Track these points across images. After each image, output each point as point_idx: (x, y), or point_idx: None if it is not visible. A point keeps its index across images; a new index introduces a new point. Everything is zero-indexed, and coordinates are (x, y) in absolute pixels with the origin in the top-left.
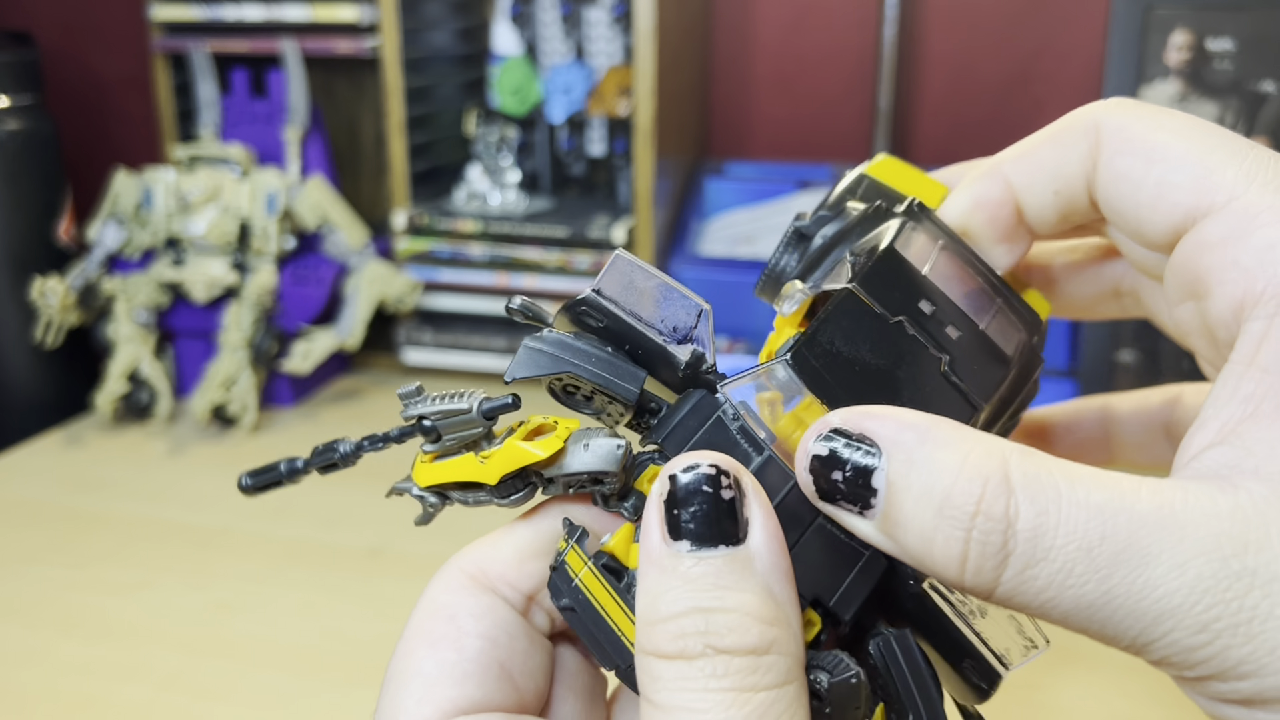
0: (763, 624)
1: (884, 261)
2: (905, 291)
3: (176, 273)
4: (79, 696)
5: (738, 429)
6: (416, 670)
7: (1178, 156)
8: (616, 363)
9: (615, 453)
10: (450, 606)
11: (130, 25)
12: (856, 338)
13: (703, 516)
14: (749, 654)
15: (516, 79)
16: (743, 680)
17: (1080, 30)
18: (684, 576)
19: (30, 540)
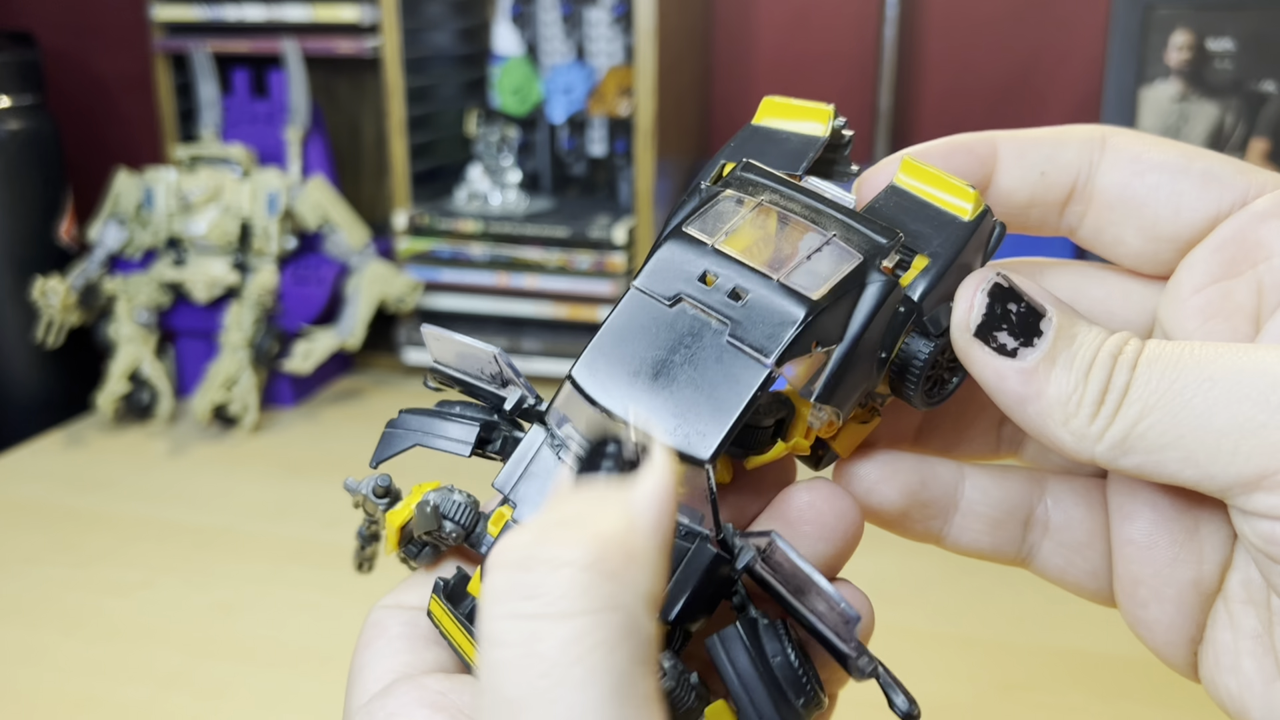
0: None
1: (667, 247)
2: (687, 270)
3: (177, 273)
4: (79, 696)
5: (560, 455)
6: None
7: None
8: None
9: (425, 513)
10: (374, 620)
11: (131, 25)
12: (635, 335)
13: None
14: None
15: (517, 79)
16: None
17: (1080, 30)
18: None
19: (30, 540)
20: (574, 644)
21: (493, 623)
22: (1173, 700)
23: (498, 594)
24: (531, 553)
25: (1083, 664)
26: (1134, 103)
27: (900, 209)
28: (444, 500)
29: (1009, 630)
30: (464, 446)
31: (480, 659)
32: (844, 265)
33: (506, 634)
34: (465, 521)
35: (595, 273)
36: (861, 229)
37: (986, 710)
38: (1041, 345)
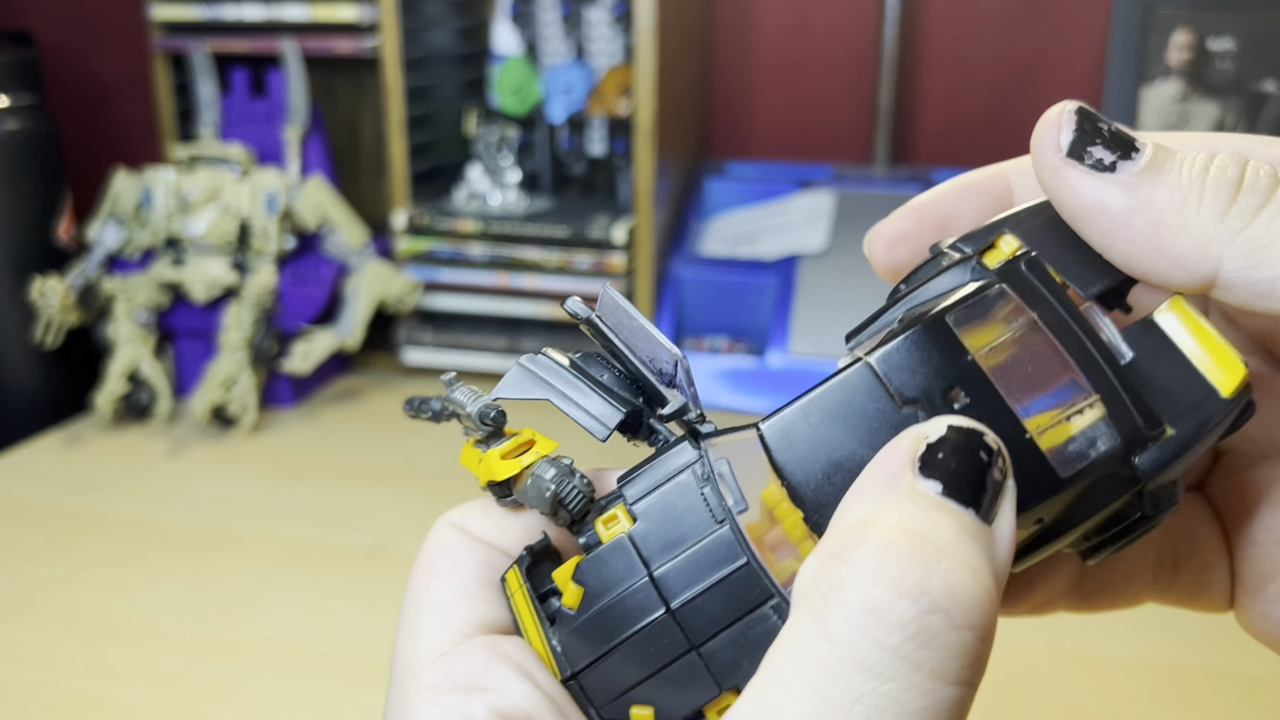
0: (991, 607)
1: (922, 334)
2: (933, 376)
3: (176, 273)
4: (79, 697)
5: (704, 490)
6: (425, 601)
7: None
8: (596, 398)
9: (543, 495)
10: (445, 543)
11: (130, 25)
12: (849, 420)
13: (967, 472)
14: (968, 629)
15: (517, 79)
16: (946, 663)
17: (1081, 30)
18: (923, 507)
19: (30, 540)
20: (946, 711)
21: (865, 643)
22: (1173, 700)
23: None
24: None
25: (1083, 664)
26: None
27: (1152, 356)
28: (563, 484)
29: (1009, 630)
30: (603, 429)
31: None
32: (1103, 442)
33: (879, 666)
34: (577, 510)
35: (595, 273)
36: (1128, 401)
37: (986, 710)
38: (1142, 156)
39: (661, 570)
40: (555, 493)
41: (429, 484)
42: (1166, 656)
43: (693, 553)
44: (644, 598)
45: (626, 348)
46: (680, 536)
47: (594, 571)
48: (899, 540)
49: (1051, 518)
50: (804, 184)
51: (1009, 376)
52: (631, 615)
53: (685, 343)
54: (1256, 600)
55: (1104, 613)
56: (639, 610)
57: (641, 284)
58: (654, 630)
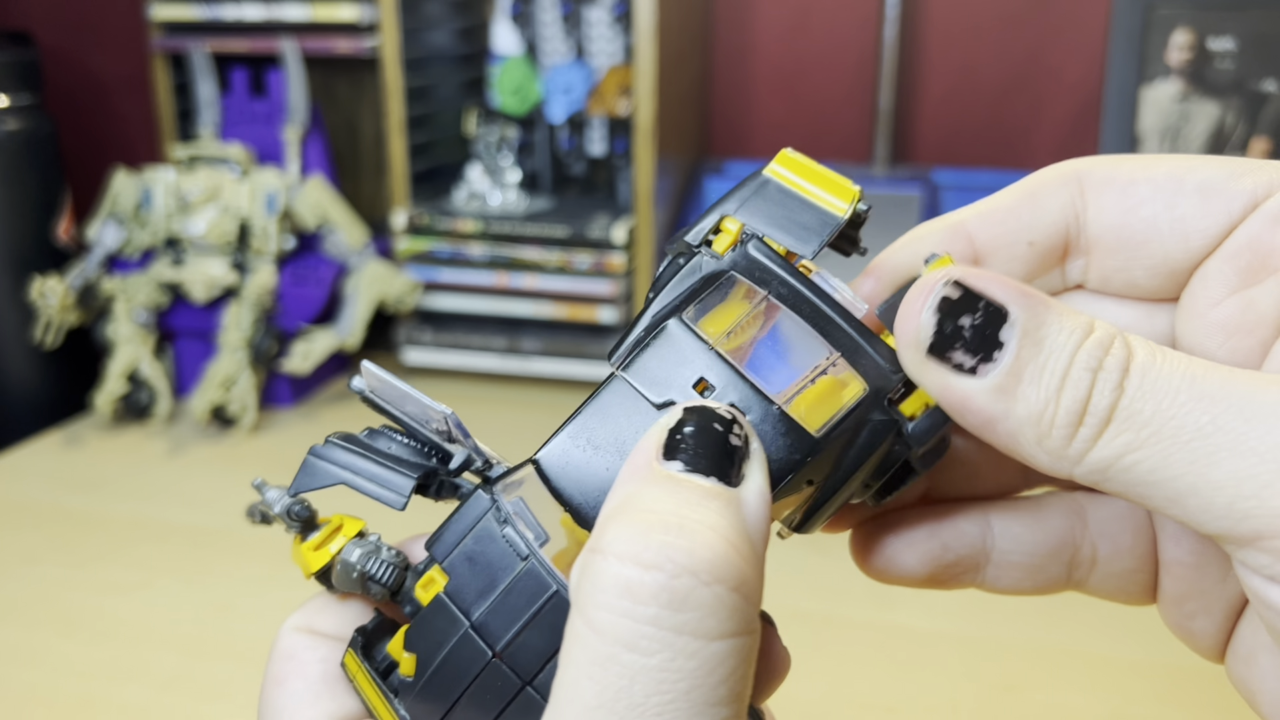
0: (739, 558)
1: (664, 337)
2: (679, 373)
3: (176, 273)
4: (79, 696)
5: (505, 531)
6: (275, 710)
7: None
8: (387, 471)
9: (351, 577)
10: (288, 649)
11: (130, 25)
12: (614, 434)
13: (705, 446)
14: (717, 583)
15: (516, 78)
16: (703, 620)
17: (1081, 30)
18: (667, 485)
19: (30, 540)
20: (719, 667)
21: (625, 622)
22: (1173, 701)
23: (637, 592)
24: (675, 558)
25: (1083, 664)
26: (1134, 102)
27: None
28: (369, 561)
29: (1009, 630)
30: (399, 499)
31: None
32: (847, 396)
33: (644, 640)
34: (390, 582)
35: (595, 273)
36: (870, 351)
37: (986, 710)
38: (1004, 359)
39: (480, 617)
40: (362, 572)
41: None
42: (1166, 656)
43: (505, 594)
44: (470, 648)
45: (403, 414)
46: (491, 582)
47: (420, 635)
48: (642, 519)
49: (823, 476)
50: None
51: (750, 356)
52: (462, 668)
53: None
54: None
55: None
56: (468, 662)
57: (641, 284)
58: (486, 677)
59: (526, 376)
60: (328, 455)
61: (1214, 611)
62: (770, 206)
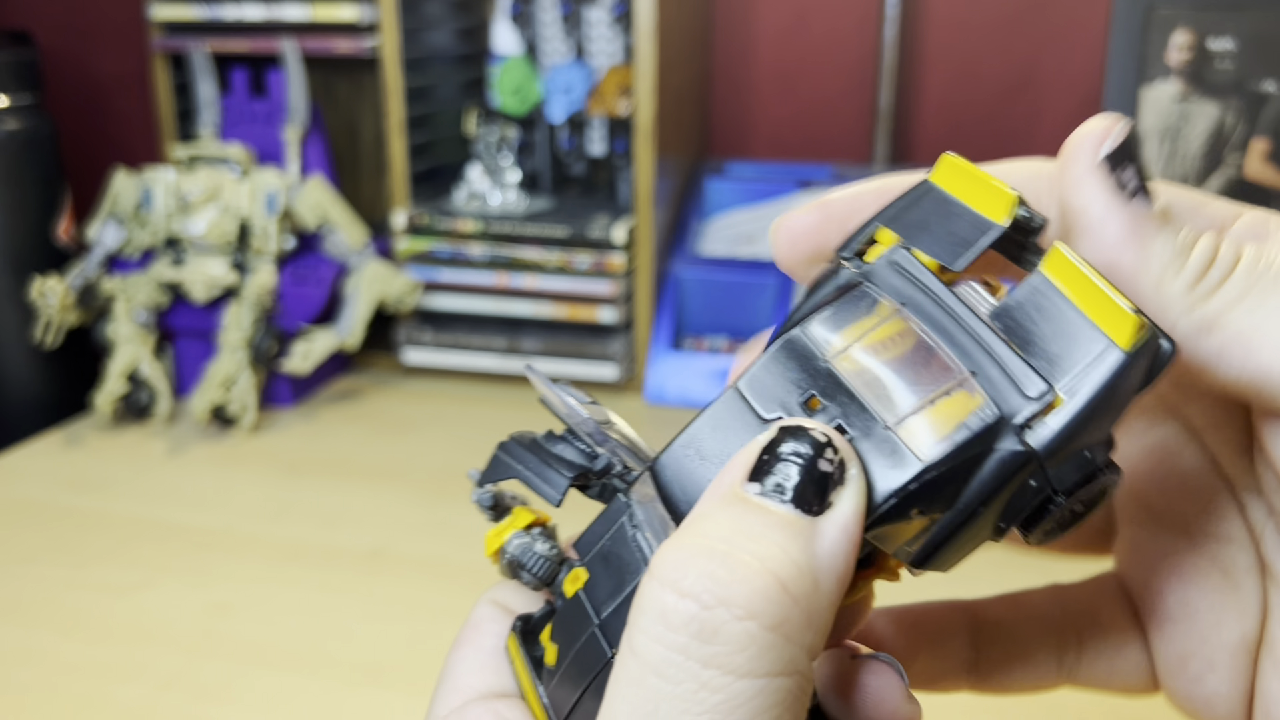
0: (785, 595)
1: (779, 350)
2: (792, 388)
3: (176, 272)
4: (79, 696)
5: (636, 536)
6: (447, 670)
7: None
8: (549, 470)
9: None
10: (476, 618)
11: (130, 25)
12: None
13: (790, 470)
14: (750, 619)
15: (516, 79)
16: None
17: (1081, 30)
18: (738, 509)
19: (30, 540)
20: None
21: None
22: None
23: (670, 619)
24: (714, 588)
25: None
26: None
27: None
28: (523, 552)
29: None
30: (555, 495)
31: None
32: (973, 419)
33: (671, 668)
34: (542, 575)
35: (595, 273)
36: (1006, 373)
37: (986, 710)
38: (1156, 203)
39: (605, 617)
40: (513, 560)
41: (429, 484)
42: None
43: (627, 596)
44: (595, 647)
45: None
46: (620, 584)
47: (561, 628)
48: (692, 543)
49: (939, 508)
50: (804, 184)
51: (871, 372)
52: (588, 664)
53: (685, 342)
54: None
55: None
56: (592, 660)
57: (641, 284)
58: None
59: (526, 377)
60: (510, 451)
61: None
62: (926, 215)
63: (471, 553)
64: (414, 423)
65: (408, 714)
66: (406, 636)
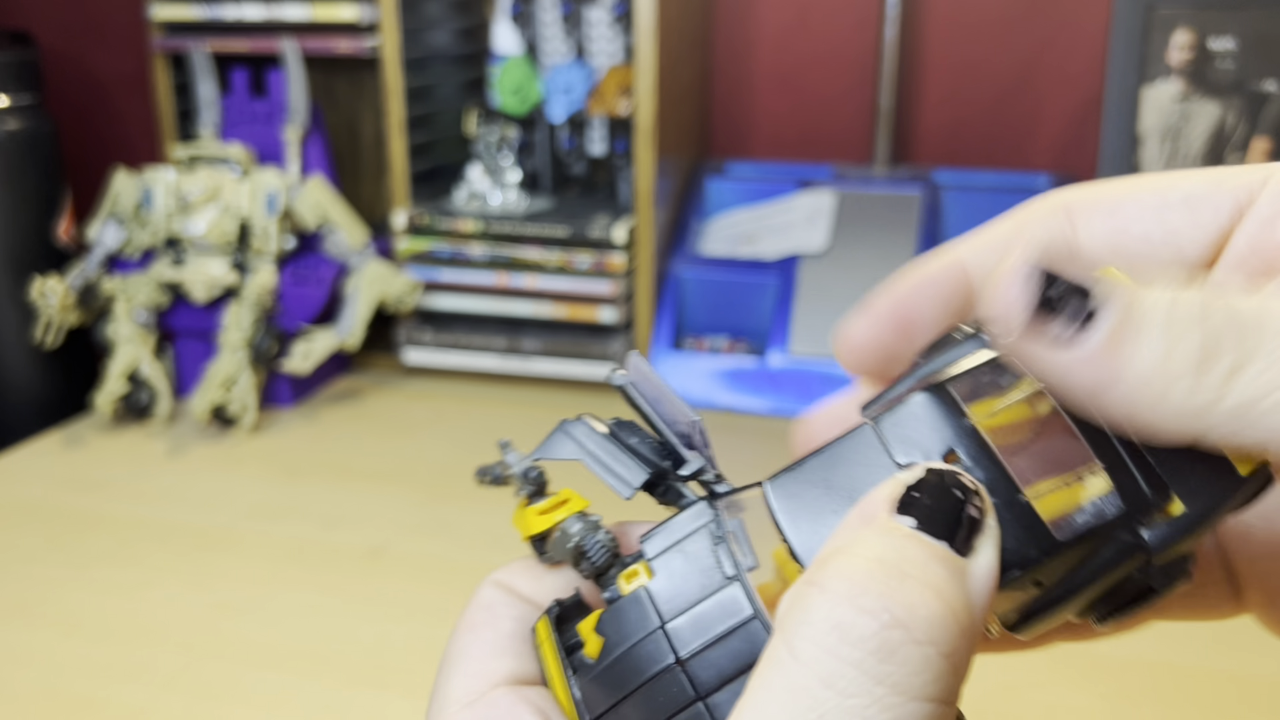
0: (956, 625)
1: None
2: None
3: (176, 273)
4: (79, 696)
5: (717, 548)
6: (462, 653)
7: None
8: (623, 460)
9: (566, 547)
10: (487, 600)
11: (130, 25)
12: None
13: (941, 509)
14: (929, 644)
15: (517, 78)
16: (907, 677)
17: (1082, 30)
18: (895, 539)
19: (30, 540)
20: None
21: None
22: (1172, 701)
23: (847, 633)
24: (892, 609)
25: (1083, 664)
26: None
27: None
28: (586, 538)
29: None
30: (627, 489)
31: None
32: (1105, 505)
33: (845, 681)
34: (600, 563)
35: (595, 273)
36: (1134, 470)
37: (986, 710)
38: (1104, 321)
39: (674, 623)
40: (578, 545)
41: (429, 484)
42: (1166, 656)
43: (703, 607)
44: (655, 648)
45: (653, 411)
46: (693, 592)
47: (613, 623)
48: (865, 565)
49: (1051, 581)
50: (804, 184)
51: (1009, 442)
52: (643, 664)
53: (686, 342)
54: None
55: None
56: (650, 660)
57: (641, 284)
58: (663, 680)
59: (526, 376)
60: (573, 432)
61: None
62: None
63: (472, 552)
64: (414, 423)
65: (408, 714)
66: (406, 636)
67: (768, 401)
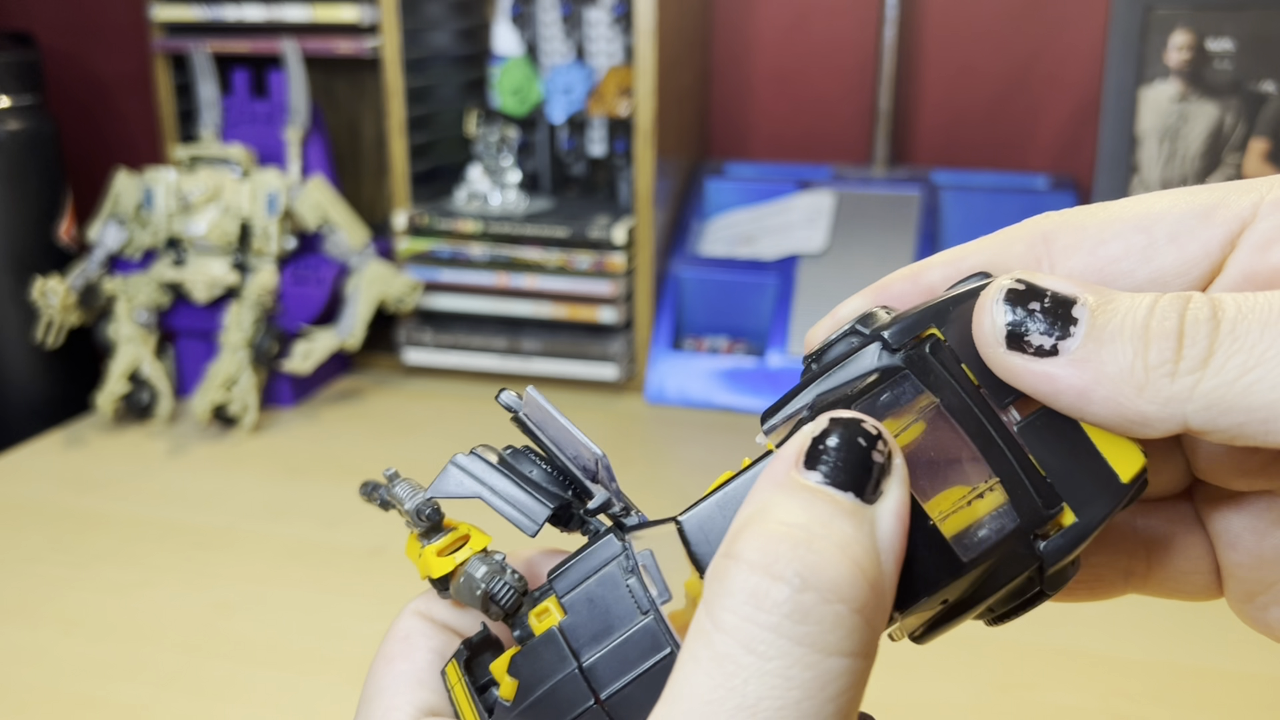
0: (864, 580)
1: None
2: None
3: (177, 273)
4: (79, 696)
5: (630, 581)
6: (378, 686)
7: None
8: (524, 494)
9: (474, 593)
10: (404, 630)
11: (131, 25)
12: None
13: (846, 460)
14: (839, 603)
15: (517, 79)
16: (823, 635)
17: (1080, 30)
18: (803, 498)
19: (30, 540)
20: (833, 683)
21: (749, 626)
22: (1172, 701)
23: (763, 601)
24: (804, 572)
25: (1083, 664)
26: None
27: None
28: (493, 582)
29: (1009, 630)
30: (533, 526)
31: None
32: (1001, 524)
33: (765, 645)
34: (509, 605)
35: (595, 273)
36: (1027, 484)
37: (986, 710)
38: (1081, 327)
39: (590, 661)
40: (485, 591)
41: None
42: (1166, 656)
43: (620, 643)
44: (575, 689)
45: (553, 444)
46: (608, 627)
47: (527, 664)
48: (775, 530)
49: (956, 597)
50: (803, 184)
51: (911, 462)
52: (563, 706)
53: (685, 343)
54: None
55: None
56: (570, 701)
57: (641, 284)
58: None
59: (526, 376)
60: (468, 467)
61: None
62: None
63: None
64: (414, 423)
65: None
66: None
67: (767, 401)
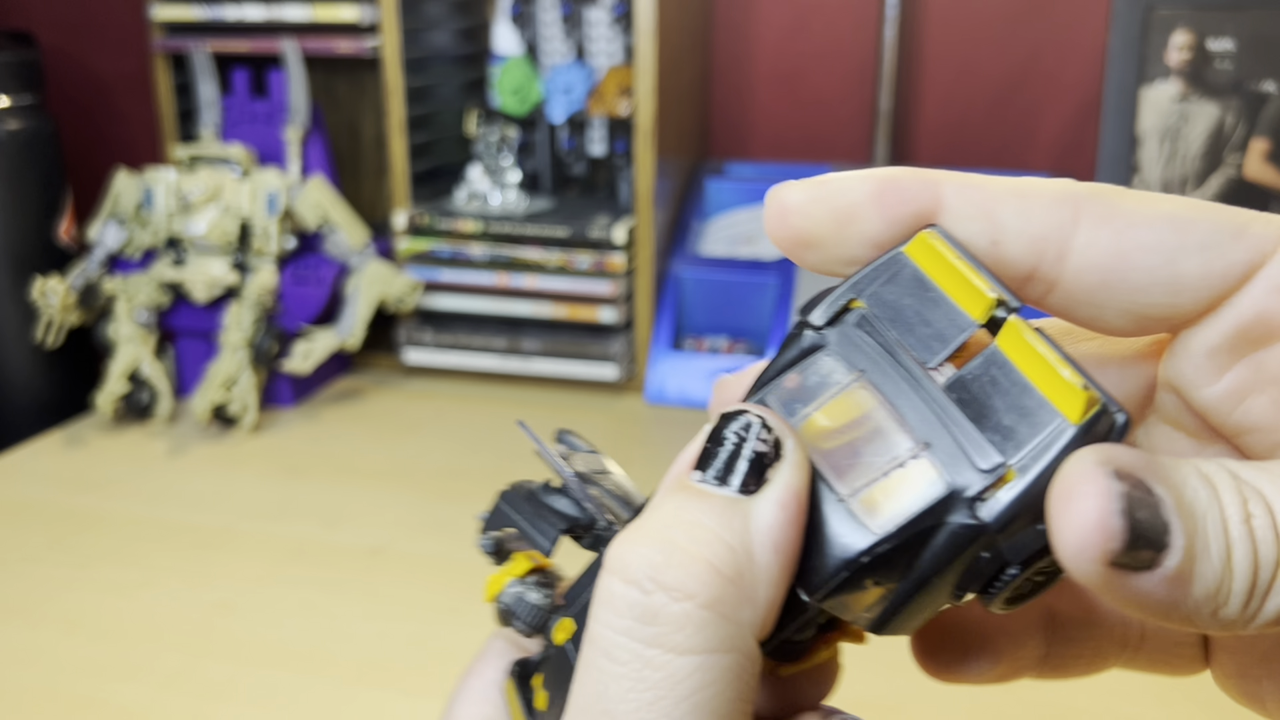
0: (716, 575)
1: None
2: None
3: (177, 273)
4: (79, 696)
5: None
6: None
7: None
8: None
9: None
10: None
11: (131, 25)
12: None
13: (727, 455)
14: (687, 600)
15: (517, 79)
16: (670, 635)
17: (1081, 30)
18: (679, 499)
19: (30, 540)
20: (684, 681)
21: (606, 631)
22: (1172, 701)
23: (616, 605)
24: (653, 574)
25: None
26: (1134, 103)
27: (996, 390)
28: (516, 601)
29: None
30: (546, 545)
31: (584, 657)
32: (926, 492)
33: (618, 650)
34: (534, 624)
35: (595, 273)
36: (963, 442)
37: (986, 710)
38: (1176, 544)
39: None
40: (506, 609)
41: (429, 484)
42: None
43: None
44: None
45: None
46: None
47: (551, 676)
48: (637, 534)
49: (892, 578)
50: None
51: (830, 441)
52: None
53: (686, 343)
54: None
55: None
56: None
57: (641, 284)
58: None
59: (526, 376)
60: (509, 500)
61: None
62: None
63: (472, 552)
64: (415, 422)
65: (407, 712)
66: (407, 636)
67: None
